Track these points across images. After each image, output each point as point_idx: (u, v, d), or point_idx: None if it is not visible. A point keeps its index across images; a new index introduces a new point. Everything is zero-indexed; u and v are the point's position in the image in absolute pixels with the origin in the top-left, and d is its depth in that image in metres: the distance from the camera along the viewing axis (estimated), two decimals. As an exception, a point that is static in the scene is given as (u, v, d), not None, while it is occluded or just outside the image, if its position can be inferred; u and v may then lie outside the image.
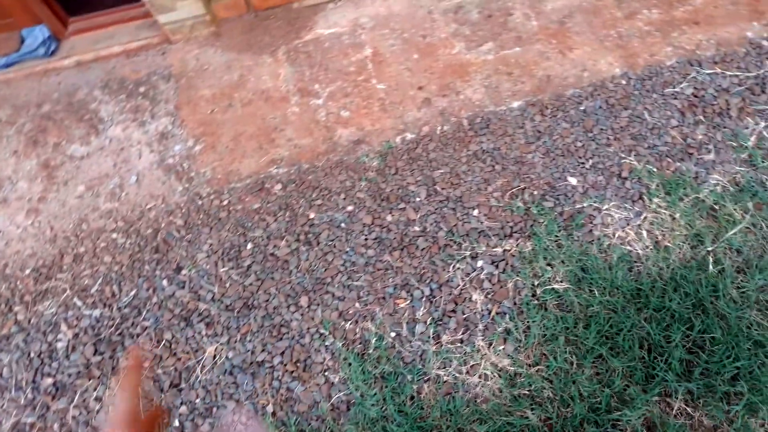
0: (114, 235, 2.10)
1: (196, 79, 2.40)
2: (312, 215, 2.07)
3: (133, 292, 2.00)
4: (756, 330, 1.68)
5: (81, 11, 2.53)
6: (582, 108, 2.22)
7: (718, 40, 2.37)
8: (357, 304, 1.90)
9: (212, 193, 2.15)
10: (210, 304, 1.97)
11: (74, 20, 2.50)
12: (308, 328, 1.89)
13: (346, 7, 2.55)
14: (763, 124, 2.12)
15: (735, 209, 1.93)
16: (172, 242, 2.08)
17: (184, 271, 2.03)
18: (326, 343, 1.85)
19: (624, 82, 2.28)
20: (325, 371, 1.80)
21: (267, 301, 1.95)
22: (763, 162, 2.03)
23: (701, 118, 2.17)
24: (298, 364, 1.81)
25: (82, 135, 2.32)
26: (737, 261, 1.83)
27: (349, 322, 1.88)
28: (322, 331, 1.87)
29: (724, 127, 2.13)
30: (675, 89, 2.25)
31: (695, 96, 2.23)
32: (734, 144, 2.09)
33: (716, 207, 1.95)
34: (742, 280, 1.78)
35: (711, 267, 1.81)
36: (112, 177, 2.21)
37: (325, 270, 1.97)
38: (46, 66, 2.45)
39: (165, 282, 2.02)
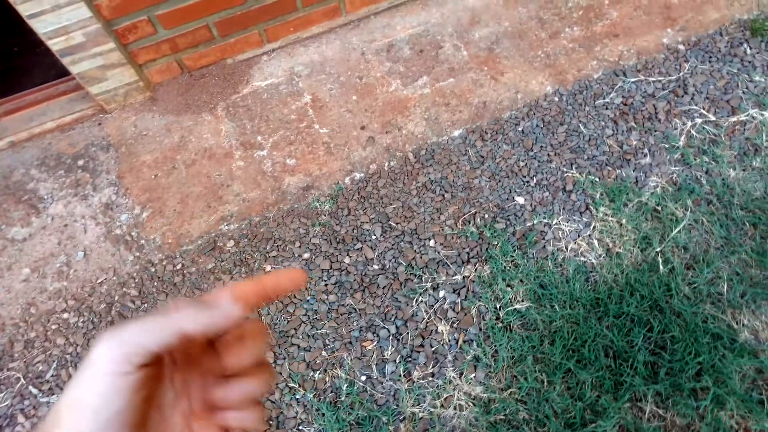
0: (65, 315, 2.03)
1: (136, 145, 2.37)
2: (268, 268, 2.05)
3: (91, 372, 1.92)
4: (712, 323, 1.72)
5: (9, 92, 2.48)
6: (520, 129, 2.29)
7: (638, 49, 2.49)
8: (324, 353, 1.88)
9: (164, 258, 2.11)
10: (174, 373, 1.90)
11: (3, 101, 2.45)
12: (277, 384, 1.85)
13: (280, 58, 2.58)
14: (689, 123, 2.23)
15: (676, 208, 2.00)
16: (127, 314, 2.02)
17: (143, 343, 1.97)
18: (297, 397, 1.81)
19: (557, 98, 2.36)
20: (299, 425, 1.75)
21: (232, 361, 1.90)
22: (694, 160, 2.12)
23: (633, 124, 2.26)
24: (271, 422, 1.76)
25: (22, 216, 2.25)
26: (685, 258, 1.89)
27: (318, 372, 1.85)
28: (291, 384, 1.84)
29: (655, 131, 2.23)
30: (605, 100, 2.34)
31: (624, 104, 2.32)
32: (666, 145, 2.18)
33: (659, 208, 2.01)
34: (692, 276, 1.84)
35: (661, 267, 1.86)
36: (57, 255, 2.15)
37: (288, 322, 1.94)
38: (-21, 150, 2.39)
39: (124, 357, 1.95)
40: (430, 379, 1.79)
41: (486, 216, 2.08)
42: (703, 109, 2.26)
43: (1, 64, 2.91)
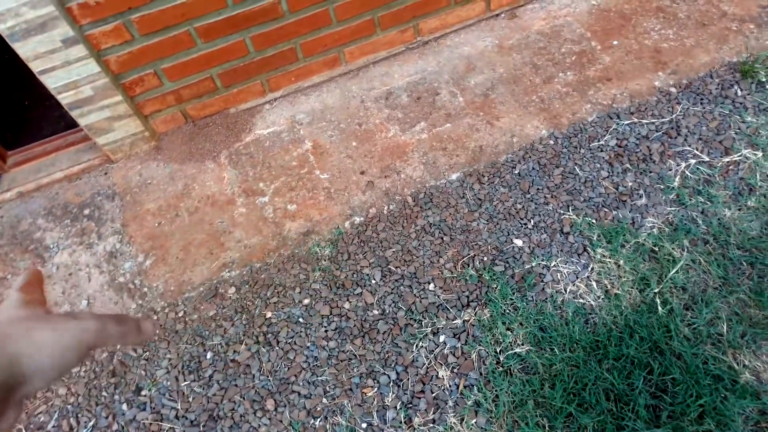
0: (68, 365, 2.04)
1: (140, 194, 2.43)
2: (269, 314, 2.07)
3: (91, 423, 1.92)
4: (713, 364, 1.71)
5: (19, 144, 2.56)
6: (516, 172, 2.33)
7: (631, 92, 2.55)
8: (324, 400, 1.87)
9: (167, 306, 2.13)
10: (174, 423, 1.90)
11: (13, 153, 2.53)
12: (278, 432, 1.84)
13: (282, 106, 2.66)
14: (683, 164, 2.26)
15: (673, 248, 2.01)
16: (129, 363, 2.02)
17: (144, 392, 1.97)
18: (298, 445, 1.80)
19: (552, 142, 2.41)
20: (299, 476, 1.74)
21: (233, 409, 1.90)
22: (690, 200, 2.14)
23: (628, 166, 2.29)
24: (271, 473, 1.75)
25: (28, 267, 2.29)
26: (684, 298, 1.89)
27: (319, 420, 1.84)
28: (292, 432, 1.82)
29: (650, 172, 2.26)
30: (600, 142, 2.39)
31: (619, 146, 2.36)
32: (662, 186, 2.21)
33: (656, 249, 2.03)
34: (691, 317, 1.84)
35: (660, 308, 1.86)
36: (61, 305, 2.17)
37: (288, 369, 1.94)
38: (-12, 201, 2.45)
39: (125, 406, 1.95)
40: (431, 425, 1.77)
41: (485, 259, 2.10)
42: (697, 150, 2.29)
43: (12, 117, 3.01)
